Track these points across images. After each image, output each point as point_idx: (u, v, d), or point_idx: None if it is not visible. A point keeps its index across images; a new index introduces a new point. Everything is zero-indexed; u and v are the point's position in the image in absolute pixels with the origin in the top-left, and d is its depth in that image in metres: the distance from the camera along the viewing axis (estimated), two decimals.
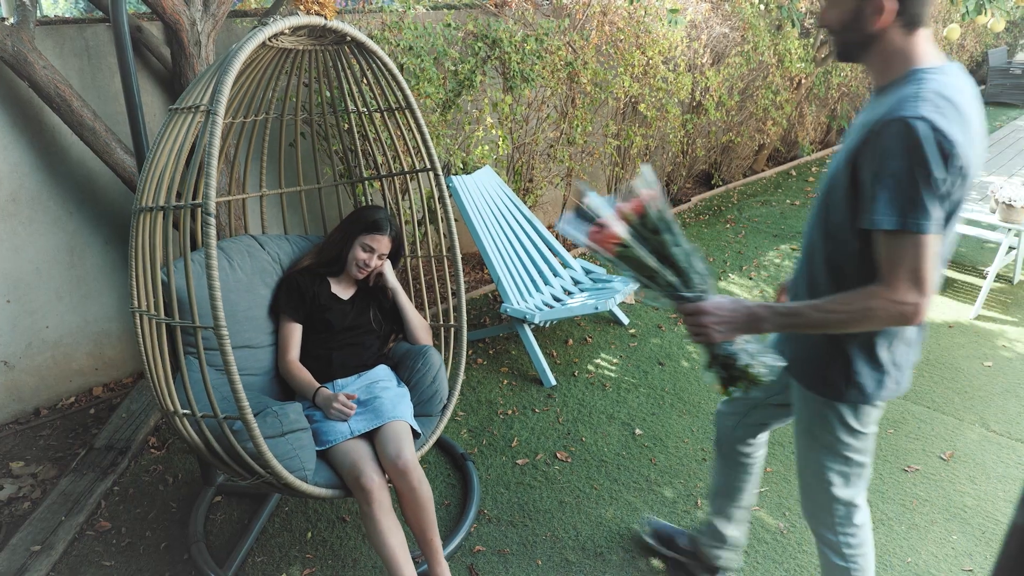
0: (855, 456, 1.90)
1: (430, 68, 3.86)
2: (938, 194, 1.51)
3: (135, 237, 2.20)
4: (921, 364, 4.10)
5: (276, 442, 2.20)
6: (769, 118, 7.15)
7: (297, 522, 2.89)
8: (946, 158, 1.49)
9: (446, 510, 2.97)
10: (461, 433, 3.46)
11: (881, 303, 1.57)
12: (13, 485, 3.07)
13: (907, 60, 1.63)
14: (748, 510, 2.47)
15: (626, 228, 1.76)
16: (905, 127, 1.50)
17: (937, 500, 3.05)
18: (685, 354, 4.18)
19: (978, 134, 1.59)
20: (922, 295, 1.54)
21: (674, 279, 1.78)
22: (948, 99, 1.53)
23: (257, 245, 2.91)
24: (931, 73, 1.58)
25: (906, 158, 1.50)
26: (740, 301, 1.73)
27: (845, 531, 2.00)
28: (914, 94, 1.53)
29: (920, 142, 1.49)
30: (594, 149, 5.48)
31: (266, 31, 2.09)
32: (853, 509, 1.98)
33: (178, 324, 2.05)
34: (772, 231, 6.26)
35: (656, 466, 3.24)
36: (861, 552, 2.02)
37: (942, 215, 1.54)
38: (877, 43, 1.65)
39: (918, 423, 3.57)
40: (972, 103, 1.59)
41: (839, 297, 1.64)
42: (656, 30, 5.27)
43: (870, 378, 1.79)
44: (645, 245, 1.77)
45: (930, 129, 1.48)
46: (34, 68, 2.97)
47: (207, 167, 1.89)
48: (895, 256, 1.55)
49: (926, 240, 1.52)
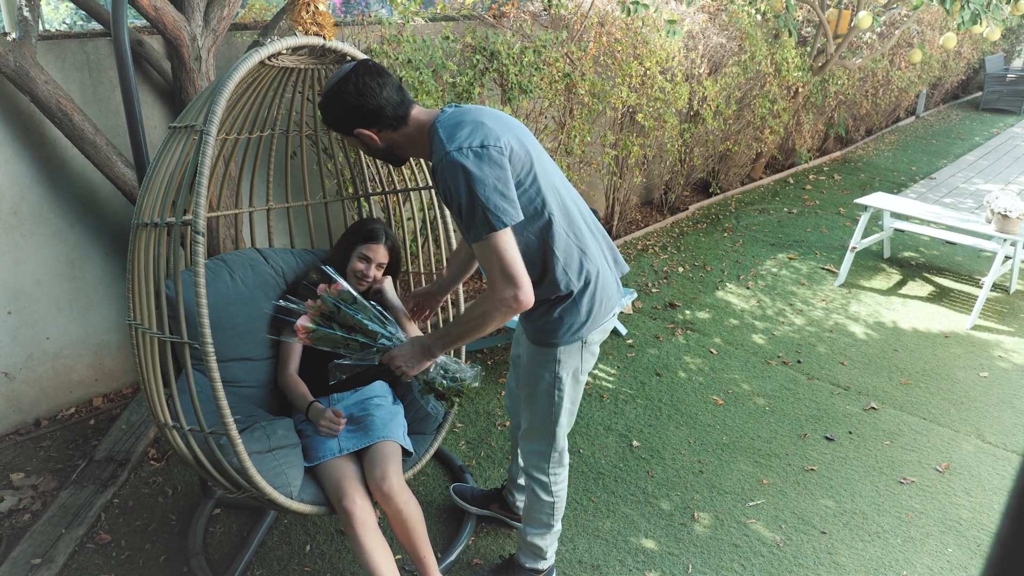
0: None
1: (428, 81, 3.88)
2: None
3: (133, 251, 2.23)
4: (916, 374, 4.12)
5: (263, 457, 2.21)
6: (766, 126, 7.18)
7: (296, 535, 2.90)
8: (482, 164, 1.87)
9: (444, 522, 2.99)
10: (459, 445, 3.47)
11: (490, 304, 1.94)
12: (13, 497, 3.09)
13: (422, 131, 2.04)
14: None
15: (311, 319, 2.19)
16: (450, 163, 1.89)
17: (932, 513, 3.07)
18: (682, 365, 4.20)
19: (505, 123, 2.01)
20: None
21: (365, 340, 2.21)
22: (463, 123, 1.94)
23: (261, 258, 2.92)
24: (438, 123, 1.97)
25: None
26: (414, 340, 2.14)
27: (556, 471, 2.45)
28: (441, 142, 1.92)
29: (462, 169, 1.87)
30: (592, 159, 5.50)
31: (261, 52, 2.11)
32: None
33: (168, 339, 2.07)
34: (770, 239, 6.28)
35: (653, 478, 3.26)
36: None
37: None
38: (400, 148, 2.10)
39: (914, 434, 3.58)
40: (481, 112, 2.01)
41: (466, 312, 2.03)
42: (654, 41, 5.30)
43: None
44: (331, 326, 2.21)
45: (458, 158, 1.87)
46: (36, 83, 2.99)
47: (197, 186, 1.92)
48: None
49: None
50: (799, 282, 5.40)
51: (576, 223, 2.12)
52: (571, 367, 2.24)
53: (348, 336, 2.21)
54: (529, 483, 2.47)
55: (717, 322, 4.74)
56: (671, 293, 5.17)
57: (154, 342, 2.15)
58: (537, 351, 2.23)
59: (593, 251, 2.15)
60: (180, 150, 2.14)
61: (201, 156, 1.95)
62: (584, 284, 2.12)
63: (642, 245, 6.08)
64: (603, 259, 2.21)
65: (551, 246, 2.05)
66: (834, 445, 3.50)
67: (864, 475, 3.30)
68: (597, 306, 2.16)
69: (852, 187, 7.91)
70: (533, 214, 2.01)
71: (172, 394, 2.14)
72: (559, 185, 2.12)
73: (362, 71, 1.99)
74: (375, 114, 2.00)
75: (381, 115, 2.00)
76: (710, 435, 3.56)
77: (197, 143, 1.99)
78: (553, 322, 2.14)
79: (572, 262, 2.09)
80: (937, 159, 9.23)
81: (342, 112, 2.01)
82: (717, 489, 3.19)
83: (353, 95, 1.98)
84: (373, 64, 2.03)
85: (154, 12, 3.07)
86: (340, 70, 2.02)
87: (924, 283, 5.43)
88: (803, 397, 3.90)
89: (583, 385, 2.33)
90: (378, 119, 2.01)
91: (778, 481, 3.25)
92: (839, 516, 3.05)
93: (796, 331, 4.64)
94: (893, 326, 4.73)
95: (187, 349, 2.04)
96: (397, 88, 2.03)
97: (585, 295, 2.13)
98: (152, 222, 2.12)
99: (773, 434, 3.58)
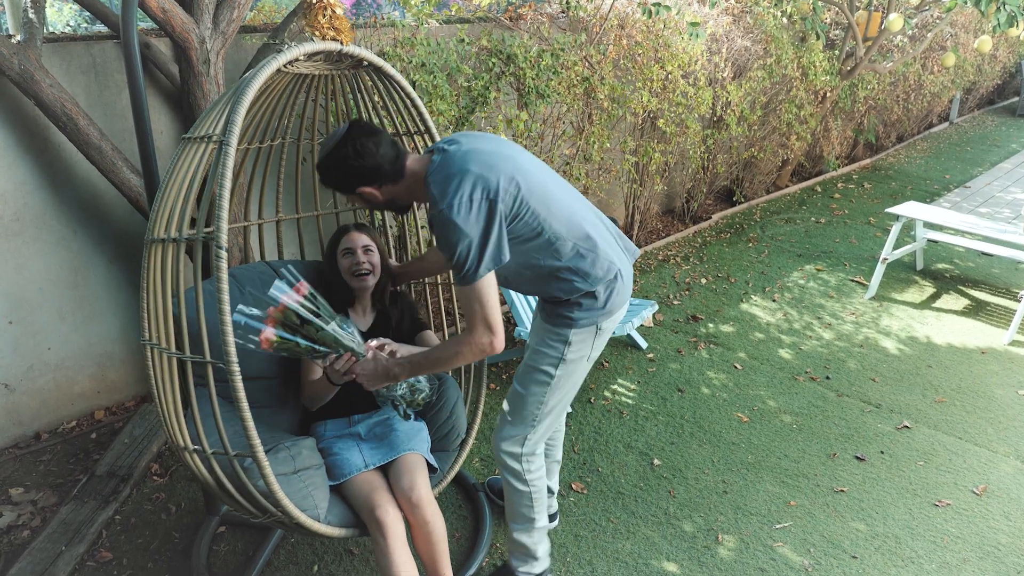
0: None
1: (443, 85, 3.90)
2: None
3: (147, 268, 2.24)
4: (952, 392, 4.09)
5: (288, 479, 2.22)
6: (793, 133, 7.16)
7: (303, 554, 2.91)
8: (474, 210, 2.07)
9: (457, 543, 2.99)
10: (473, 462, 3.47)
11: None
12: (12, 512, 3.11)
13: (417, 180, 2.20)
14: (559, 463, 2.97)
15: (274, 330, 2.22)
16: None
17: (969, 537, 3.04)
18: (706, 380, 4.18)
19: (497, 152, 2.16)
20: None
21: (326, 351, 2.32)
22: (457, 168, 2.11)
23: (271, 272, 2.94)
24: (429, 176, 2.12)
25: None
26: (379, 361, 2.33)
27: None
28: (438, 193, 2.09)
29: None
30: (611, 166, 5.51)
31: (280, 58, 2.13)
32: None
33: (189, 359, 2.07)
34: (796, 250, 6.26)
35: (675, 499, 3.24)
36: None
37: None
38: (401, 198, 2.28)
39: (949, 455, 3.56)
40: (479, 140, 2.20)
41: (439, 346, 2.25)
42: (675, 44, 5.31)
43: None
44: (295, 335, 2.26)
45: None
46: (40, 87, 3.03)
47: (219, 199, 1.92)
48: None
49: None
50: (827, 295, 5.38)
51: (579, 227, 2.26)
52: (581, 352, 2.38)
53: (311, 345, 2.29)
54: (503, 474, 2.57)
55: (742, 336, 4.72)
56: (693, 305, 5.16)
57: (172, 362, 2.16)
58: (549, 330, 2.37)
59: (603, 247, 2.29)
60: (194, 162, 2.15)
61: (223, 168, 1.96)
62: (599, 279, 2.28)
63: (663, 255, 6.08)
64: (615, 250, 2.35)
65: (559, 258, 2.24)
66: (865, 465, 3.48)
67: (897, 497, 3.27)
68: (615, 295, 2.33)
69: (883, 196, 7.88)
70: (533, 236, 2.19)
71: (193, 416, 2.14)
72: (556, 196, 2.24)
73: (357, 133, 2.18)
74: (375, 172, 2.19)
75: (380, 172, 2.19)
76: (735, 454, 3.54)
77: (217, 153, 2.01)
78: (571, 305, 2.31)
79: (583, 264, 2.25)
80: (972, 167, 9.18)
81: (343, 175, 2.20)
82: (742, 510, 3.18)
83: (352, 158, 2.16)
84: (365, 124, 2.21)
85: (162, 14, 3.11)
86: (333, 135, 2.20)
87: (959, 296, 5.40)
88: (832, 415, 3.88)
89: (581, 378, 2.48)
90: (377, 176, 2.20)
91: (806, 503, 3.23)
92: (871, 540, 3.02)
93: (824, 346, 4.62)
94: (927, 341, 4.70)
95: (210, 369, 2.05)
96: (391, 143, 2.21)
97: (600, 287, 2.29)
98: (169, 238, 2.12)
99: (801, 453, 3.56)
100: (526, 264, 2.25)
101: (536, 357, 2.41)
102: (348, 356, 2.35)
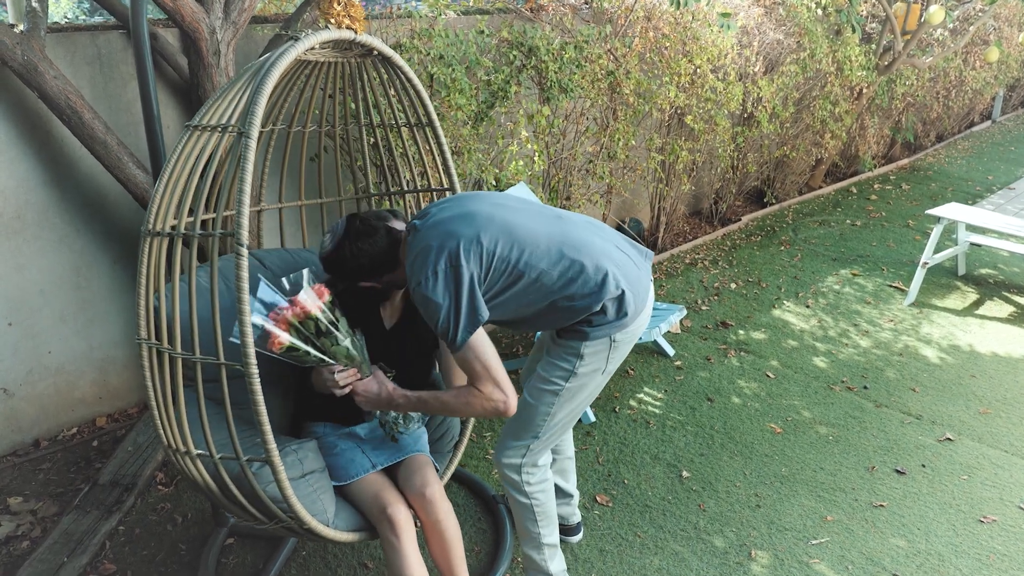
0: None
1: (461, 78, 3.91)
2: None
3: (144, 263, 2.20)
4: (996, 403, 4.06)
5: (296, 484, 2.22)
6: (827, 131, 7.14)
7: (316, 568, 2.91)
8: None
9: (476, 557, 2.98)
10: (492, 473, 3.47)
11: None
12: (11, 523, 3.13)
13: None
14: (572, 460, 2.96)
15: (288, 336, 2.22)
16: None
17: (1017, 555, 3.01)
18: (736, 389, 4.17)
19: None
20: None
21: (331, 361, 2.34)
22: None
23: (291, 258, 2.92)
24: (406, 257, 2.28)
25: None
26: (384, 386, 2.39)
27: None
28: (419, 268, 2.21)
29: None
30: (636, 164, 5.51)
31: (299, 46, 2.14)
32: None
33: (199, 360, 2.06)
34: (831, 254, 6.23)
35: (705, 512, 3.23)
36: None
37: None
38: (399, 279, 2.43)
39: (994, 468, 3.53)
40: (460, 202, 2.34)
41: (451, 391, 2.32)
42: (704, 36, 5.30)
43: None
44: (308, 344, 2.27)
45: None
46: (44, 78, 3.05)
47: (240, 194, 1.91)
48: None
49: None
50: (864, 300, 5.35)
51: (558, 252, 2.28)
52: (594, 365, 2.39)
53: (321, 357, 2.32)
54: (504, 486, 2.60)
55: (774, 343, 4.70)
56: (723, 311, 5.14)
57: (176, 363, 2.15)
58: (561, 343, 2.41)
59: (594, 263, 2.30)
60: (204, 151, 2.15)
61: (243, 161, 1.96)
62: (600, 296, 2.29)
63: (690, 259, 6.07)
64: (615, 261, 2.34)
65: (551, 290, 2.28)
66: (905, 479, 3.46)
67: (939, 512, 3.25)
68: (626, 306, 2.33)
69: (922, 197, 7.84)
70: (515, 279, 2.25)
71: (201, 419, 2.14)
72: (530, 231, 2.29)
73: (354, 237, 2.34)
74: (372, 269, 2.38)
75: (377, 268, 2.38)
76: (768, 466, 3.53)
77: (235, 145, 2.00)
78: (582, 320, 2.34)
79: (575, 288, 2.27)
80: (1016, 167, 9.12)
81: (344, 274, 2.40)
82: (776, 525, 3.16)
83: (350, 259, 2.34)
84: (360, 224, 2.35)
85: (172, 3, 3.13)
86: (332, 236, 2.37)
87: (1003, 303, 5.36)
88: (870, 426, 3.86)
89: (595, 393, 2.50)
90: (374, 272, 2.39)
91: (844, 518, 3.21)
92: (912, 557, 3.00)
93: (861, 354, 4.59)
94: (969, 349, 4.67)
95: (223, 370, 2.04)
96: (385, 233, 2.36)
97: (606, 302, 2.30)
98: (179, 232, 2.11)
99: (838, 466, 3.54)
100: (523, 305, 2.31)
101: (547, 368, 2.43)
102: (353, 372, 2.37)
